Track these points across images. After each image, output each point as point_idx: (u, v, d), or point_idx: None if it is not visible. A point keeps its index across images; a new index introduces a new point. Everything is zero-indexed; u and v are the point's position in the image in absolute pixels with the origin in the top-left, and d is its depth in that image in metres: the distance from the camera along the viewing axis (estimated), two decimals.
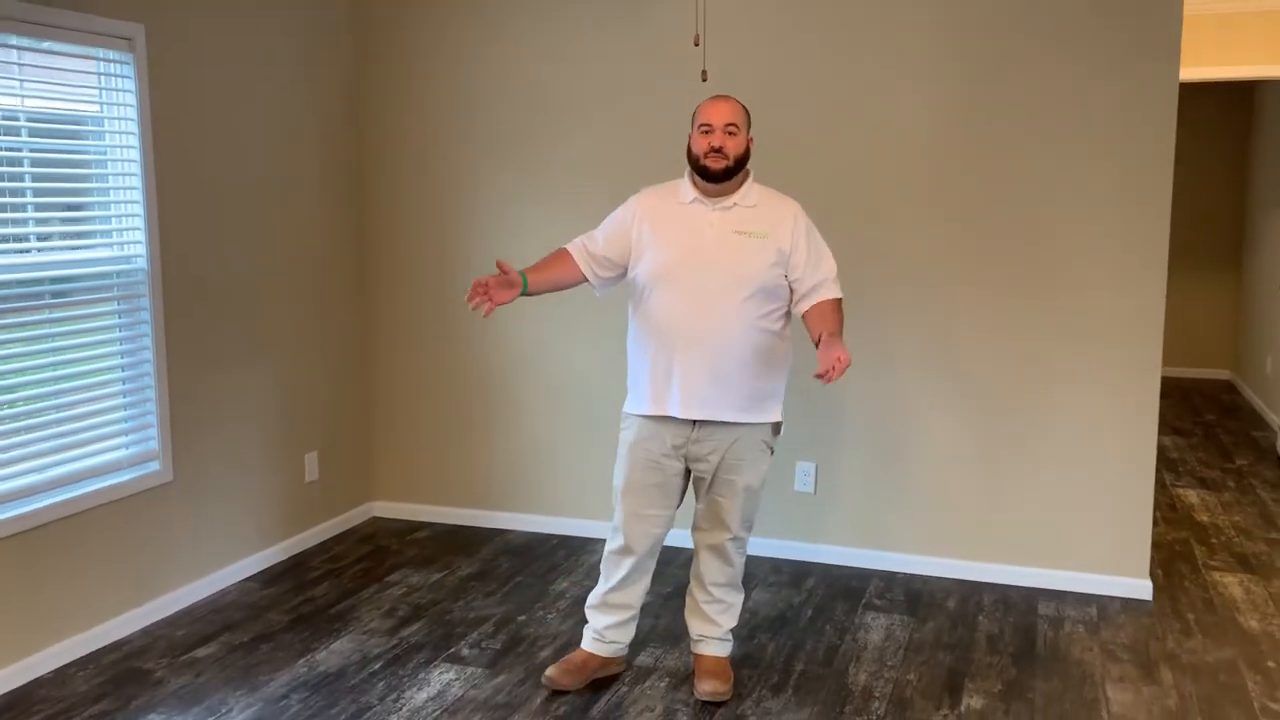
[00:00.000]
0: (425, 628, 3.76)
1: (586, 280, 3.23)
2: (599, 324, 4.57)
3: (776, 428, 3.22)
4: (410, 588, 4.13)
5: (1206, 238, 8.82)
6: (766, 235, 3.08)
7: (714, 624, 3.32)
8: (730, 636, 3.35)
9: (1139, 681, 3.36)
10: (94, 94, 3.58)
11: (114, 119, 3.64)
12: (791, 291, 3.14)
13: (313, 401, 4.61)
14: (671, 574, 4.22)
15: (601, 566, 3.33)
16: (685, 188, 3.16)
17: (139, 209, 3.72)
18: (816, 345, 2.98)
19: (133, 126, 3.68)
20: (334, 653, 3.56)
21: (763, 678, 3.39)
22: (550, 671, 3.29)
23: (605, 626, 3.32)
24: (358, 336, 4.90)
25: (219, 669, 3.44)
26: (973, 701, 3.23)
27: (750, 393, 3.12)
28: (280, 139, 4.34)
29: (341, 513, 4.84)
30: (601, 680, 3.35)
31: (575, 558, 4.46)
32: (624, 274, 3.23)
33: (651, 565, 3.31)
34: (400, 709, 3.17)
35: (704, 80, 3.47)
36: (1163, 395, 8.06)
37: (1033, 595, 4.07)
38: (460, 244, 4.74)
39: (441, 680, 3.36)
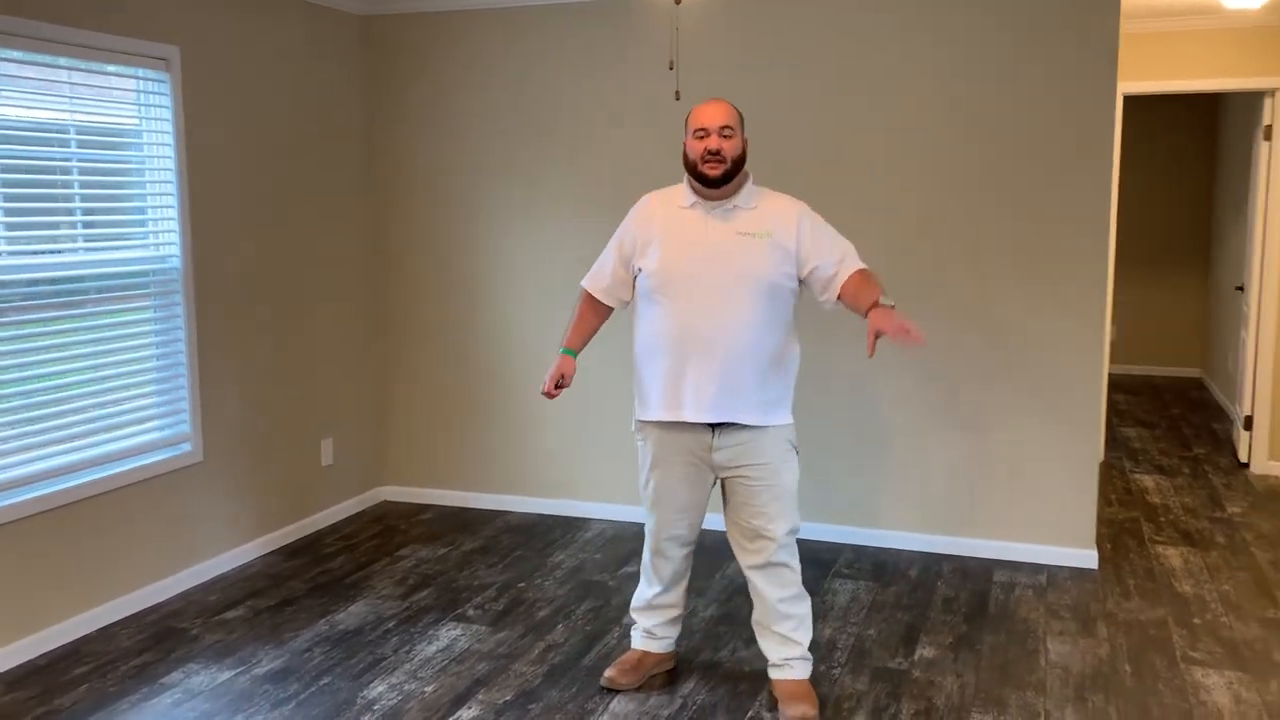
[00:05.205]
0: (433, 593, 4.13)
1: (612, 311, 3.33)
2: None
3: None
4: (419, 560, 4.50)
5: (1177, 243, 9.21)
6: (771, 234, 3.04)
7: (792, 643, 3.20)
8: (810, 655, 3.23)
9: (1077, 635, 3.74)
10: (134, 109, 3.96)
11: (151, 131, 4.03)
12: (815, 284, 3.09)
13: (329, 391, 4.99)
14: None
15: (642, 572, 3.38)
16: (685, 193, 3.13)
17: (173, 213, 4.10)
18: (865, 316, 2.91)
19: (168, 138, 4.06)
20: (351, 614, 3.93)
21: (737, 633, 3.76)
22: (609, 672, 3.33)
23: (654, 625, 3.37)
24: (369, 333, 5.28)
25: (248, 628, 3.81)
26: (925, 651, 3.61)
27: (765, 394, 3.07)
28: (299, 149, 4.72)
29: (354, 495, 5.21)
30: (593, 634, 3.72)
31: (571, 535, 4.83)
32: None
33: (688, 567, 3.33)
34: (413, 659, 3.55)
35: (677, 99, 3.81)
36: (1134, 392, 8.45)
37: (989, 565, 4.44)
38: (464, 247, 5.12)
39: (449, 636, 3.73)
